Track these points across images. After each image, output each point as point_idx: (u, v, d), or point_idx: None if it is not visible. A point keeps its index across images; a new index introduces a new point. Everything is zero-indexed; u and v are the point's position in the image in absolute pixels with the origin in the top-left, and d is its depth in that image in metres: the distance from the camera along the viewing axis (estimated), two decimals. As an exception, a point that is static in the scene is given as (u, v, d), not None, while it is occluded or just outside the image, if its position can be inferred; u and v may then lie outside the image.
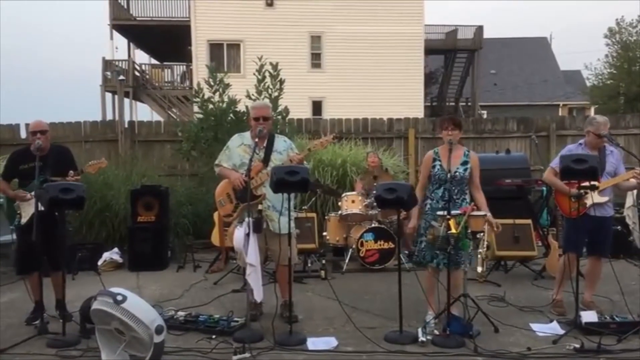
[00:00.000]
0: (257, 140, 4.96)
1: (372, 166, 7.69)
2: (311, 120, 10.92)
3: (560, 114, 30.89)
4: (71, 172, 5.07)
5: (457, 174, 4.80)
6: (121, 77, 21.22)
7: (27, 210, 5.06)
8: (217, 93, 8.63)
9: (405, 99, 19.61)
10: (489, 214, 4.78)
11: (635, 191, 5.39)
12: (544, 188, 7.53)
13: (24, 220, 5.08)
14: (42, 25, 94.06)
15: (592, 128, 5.10)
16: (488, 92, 31.97)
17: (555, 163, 5.16)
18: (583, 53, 63.27)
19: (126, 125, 10.20)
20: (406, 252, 7.14)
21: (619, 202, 7.46)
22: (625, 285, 5.52)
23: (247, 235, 4.65)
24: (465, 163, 4.87)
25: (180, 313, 5.10)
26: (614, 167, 5.15)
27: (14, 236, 5.21)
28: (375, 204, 6.20)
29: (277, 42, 18.86)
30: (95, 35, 73.85)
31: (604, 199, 5.08)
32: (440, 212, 4.69)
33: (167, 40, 22.34)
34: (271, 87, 8.50)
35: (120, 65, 22.18)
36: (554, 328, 4.74)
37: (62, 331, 4.55)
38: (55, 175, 4.98)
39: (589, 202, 4.96)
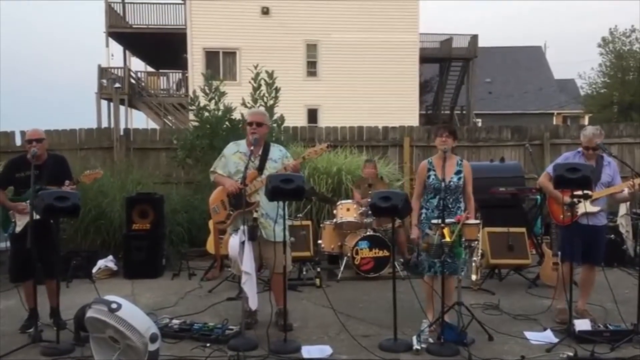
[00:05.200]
0: (252, 148, 4.98)
1: (368, 176, 7.70)
2: (307, 128, 10.93)
3: (554, 122, 31.03)
4: (67, 182, 5.08)
5: (452, 183, 4.85)
6: (117, 85, 21.22)
7: (22, 219, 5.05)
8: (213, 101, 8.65)
9: (401, 107, 19.67)
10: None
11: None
12: (538, 196, 7.55)
13: (18, 229, 5.07)
14: (37, 32, 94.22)
15: (583, 140, 5.16)
16: (483, 101, 32.10)
17: (550, 168, 5.19)
18: (577, 62, 63.69)
19: (122, 133, 10.19)
20: (401, 260, 7.16)
21: (612, 211, 7.50)
22: (619, 294, 5.54)
23: (243, 243, 4.66)
24: (458, 172, 4.94)
25: (175, 321, 5.10)
26: (609, 178, 5.17)
27: (8, 244, 5.20)
28: (370, 212, 6.22)
29: (273, 50, 18.91)
30: (91, 43, 74.04)
31: (596, 208, 5.09)
32: (434, 221, 4.72)
33: (163, 47, 22.38)
34: (267, 95, 8.52)
35: (116, 72, 22.20)
36: (548, 336, 4.75)
37: (57, 339, 4.54)
38: (51, 184, 4.97)
39: (580, 210, 4.98)
